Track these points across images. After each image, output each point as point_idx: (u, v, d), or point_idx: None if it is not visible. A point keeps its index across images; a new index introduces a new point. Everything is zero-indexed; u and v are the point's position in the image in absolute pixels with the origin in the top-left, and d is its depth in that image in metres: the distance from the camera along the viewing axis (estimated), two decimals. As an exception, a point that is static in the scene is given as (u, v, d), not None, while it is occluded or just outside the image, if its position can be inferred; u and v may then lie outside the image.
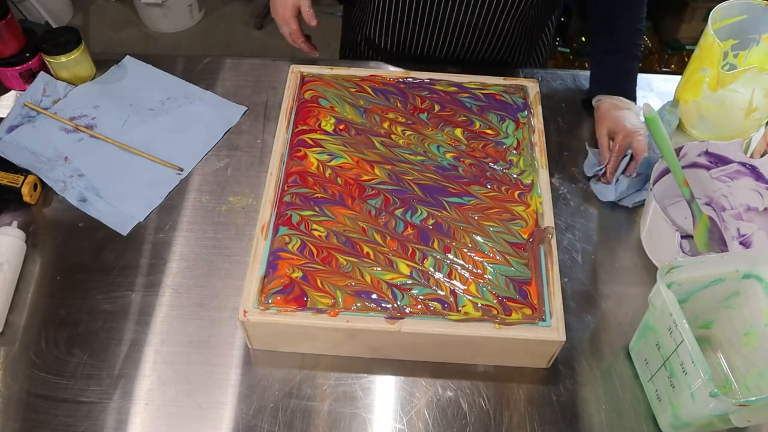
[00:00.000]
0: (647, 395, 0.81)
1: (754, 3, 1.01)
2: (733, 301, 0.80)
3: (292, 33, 1.09)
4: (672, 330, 0.72)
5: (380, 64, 1.15)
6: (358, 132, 0.94)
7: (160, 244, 0.93)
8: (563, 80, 1.15)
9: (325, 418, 0.78)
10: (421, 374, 0.82)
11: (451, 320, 0.77)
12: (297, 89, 1.00)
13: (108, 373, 0.81)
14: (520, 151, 0.94)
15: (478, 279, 0.80)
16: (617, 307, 0.88)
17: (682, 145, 0.91)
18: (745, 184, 0.93)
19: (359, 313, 0.77)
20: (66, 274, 0.90)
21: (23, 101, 1.06)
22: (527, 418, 0.79)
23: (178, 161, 1.02)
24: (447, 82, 1.02)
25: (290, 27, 1.08)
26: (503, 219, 0.86)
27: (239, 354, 0.83)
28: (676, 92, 1.11)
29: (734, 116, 1.02)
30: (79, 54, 1.08)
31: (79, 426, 0.77)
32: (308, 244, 0.82)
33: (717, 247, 0.90)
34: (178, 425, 0.78)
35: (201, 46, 2.58)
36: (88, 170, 1.00)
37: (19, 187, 0.94)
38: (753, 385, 0.79)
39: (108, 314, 0.86)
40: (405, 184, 0.89)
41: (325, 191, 0.88)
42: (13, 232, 0.90)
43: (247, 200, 0.98)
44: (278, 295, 0.78)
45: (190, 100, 1.10)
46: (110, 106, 1.08)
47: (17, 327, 0.85)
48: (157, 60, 1.16)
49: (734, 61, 1.07)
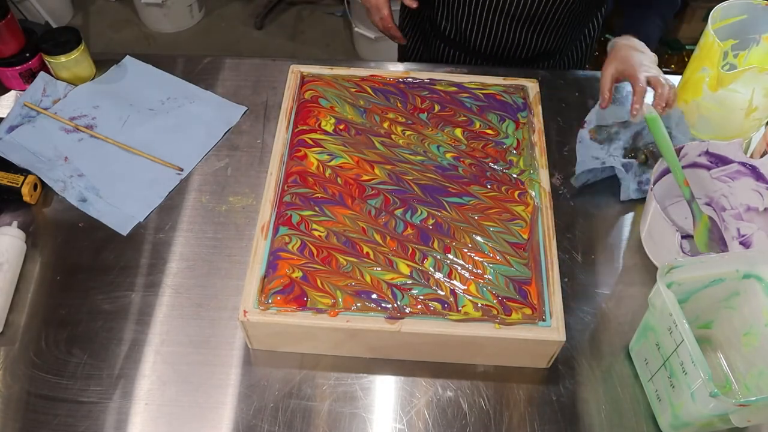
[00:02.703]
0: (647, 395, 0.81)
1: (754, 3, 1.01)
2: (733, 301, 0.80)
3: (383, 18, 1.11)
4: (672, 330, 0.72)
5: (381, 63, 1.15)
6: (358, 132, 0.94)
7: (160, 244, 0.93)
8: (563, 80, 1.14)
9: (325, 418, 0.78)
10: (421, 374, 0.82)
11: (451, 320, 0.77)
12: (297, 89, 1.00)
13: (108, 373, 0.81)
14: (520, 151, 0.94)
15: (478, 279, 0.80)
16: (617, 307, 0.88)
17: (682, 145, 0.91)
18: (745, 184, 0.93)
19: (359, 313, 0.77)
20: (66, 274, 0.90)
21: (23, 101, 1.06)
22: (527, 418, 0.79)
23: (178, 161, 1.02)
24: (447, 82, 1.02)
25: (381, 13, 1.11)
26: (503, 219, 0.86)
27: (239, 354, 0.83)
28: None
29: (734, 116, 1.02)
30: (79, 54, 1.08)
31: (79, 426, 0.78)
32: (308, 244, 0.82)
33: (717, 247, 0.90)
34: (178, 425, 0.78)
35: (201, 46, 2.58)
36: (88, 170, 1.00)
37: (19, 187, 0.94)
38: (753, 385, 0.79)
39: (108, 314, 0.86)
40: (405, 184, 0.89)
41: (325, 191, 0.88)
42: (13, 232, 0.90)
43: (247, 200, 0.98)
44: (278, 295, 0.78)
45: (190, 100, 1.10)
46: (110, 106, 1.08)
47: (17, 327, 0.85)
48: (157, 60, 1.16)
49: (734, 61, 1.07)
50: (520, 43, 1.14)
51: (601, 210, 0.98)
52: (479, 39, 1.15)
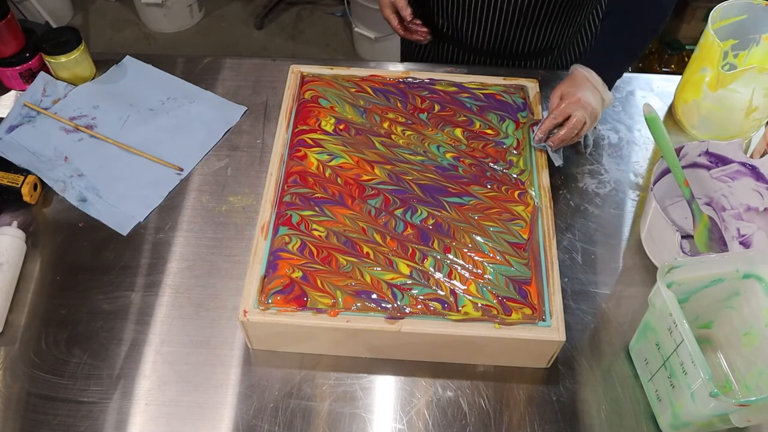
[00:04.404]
0: (647, 395, 0.81)
1: (754, 3, 1.01)
2: (733, 301, 0.80)
3: (394, 28, 1.15)
4: (672, 330, 0.72)
5: (381, 63, 1.15)
6: (358, 132, 0.94)
7: (160, 244, 0.93)
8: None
9: (325, 418, 0.78)
10: (421, 374, 0.82)
11: (451, 320, 0.77)
12: (297, 89, 1.00)
13: (108, 373, 0.81)
14: (520, 151, 0.94)
15: (478, 279, 0.80)
16: (617, 307, 0.88)
17: (682, 145, 0.91)
18: (745, 184, 0.93)
19: (359, 313, 0.77)
20: (66, 274, 0.90)
21: (23, 101, 1.06)
22: (527, 418, 0.79)
23: (178, 161, 1.02)
24: (447, 82, 1.02)
25: (392, 24, 1.15)
26: (503, 219, 0.86)
27: (239, 354, 0.83)
28: (676, 92, 1.11)
29: (734, 116, 1.02)
30: (79, 54, 1.08)
31: (79, 426, 0.78)
32: (308, 244, 0.82)
33: (717, 247, 0.90)
34: (178, 425, 0.78)
35: (201, 46, 2.58)
36: (88, 170, 1.00)
37: (19, 187, 0.94)
38: (753, 385, 0.79)
39: (108, 314, 0.86)
40: (405, 184, 0.89)
41: (325, 191, 0.88)
42: (13, 232, 0.90)
43: (247, 200, 0.98)
44: (278, 295, 0.78)
45: (190, 100, 1.10)
46: (110, 106, 1.08)
47: (17, 327, 0.85)
48: (157, 60, 1.16)
49: (734, 61, 1.07)
50: (515, 39, 1.14)
51: (601, 210, 0.98)
52: (476, 36, 1.15)
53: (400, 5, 1.12)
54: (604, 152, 1.05)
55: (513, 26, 1.11)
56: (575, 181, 1.01)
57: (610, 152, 1.05)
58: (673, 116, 1.11)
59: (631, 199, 1.00)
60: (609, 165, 1.04)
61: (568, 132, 0.91)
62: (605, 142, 1.07)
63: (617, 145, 1.06)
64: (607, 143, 1.07)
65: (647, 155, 1.05)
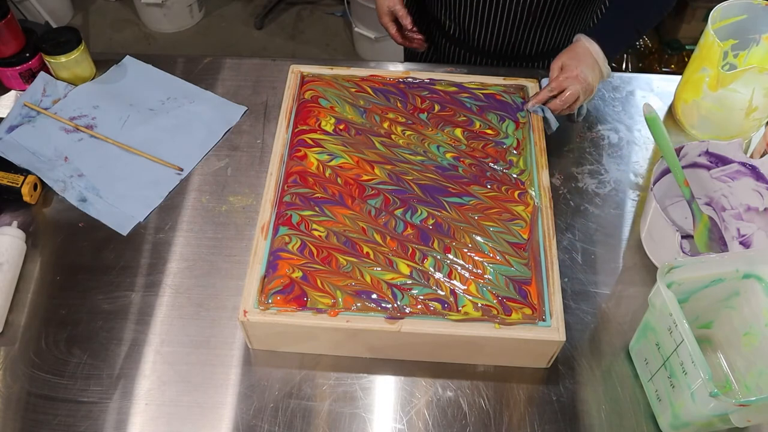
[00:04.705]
0: (647, 395, 0.81)
1: (754, 3, 1.01)
2: (733, 301, 0.80)
3: (392, 35, 1.16)
4: (672, 330, 0.72)
5: (381, 63, 1.15)
6: (358, 132, 0.94)
7: (160, 244, 0.93)
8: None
9: (325, 418, 0.78)
10: (421, 374, 0.82)
11: (451, 320, 0.77)
12: (297, 89, 1.00)
13: (108, 373, 0.81)
14: (520, 151, 0.94)
15: (478, 279, 0.80)
16: (617, 307, 0.88)
17: (682, 145, 0.91)
18: (745, 184, 0.93)
19: (359, 313, 0.77)
20: (66, 274, 0.90)
21: (23, 101, 1.06)
22: (527, 418, 0.79)
23: (178, 161, 1.02)
24: (447, 82, 1.02)
25: (389, 31, 1.15)
26: (503, 219, 0.86)
27: (239, 354, 0.83)
28: (676, 92, 1.11)
29: (734, 116, 1.02)
30: (79, 54, 1.08)
31: (79, 426, 0.78)
32: (308, 244, 0.82)
33: (717, 247, 0.90)
34: (178, 425, 0.78)
35: (201, 46, 2.58)
36: (88, 170, 1.00)
37: (19, 187, 0.94)
38: (753, 385, 0.79)
39: (108, 314, 0.86)
40: (405, 184, 0.89)
41: (325, 191, 0.88)
42: (13, 232, 0.90)
43: (247, 200, 0.98)
44: (278, 295, 0.78)
45: (190, 100, 1.10)
46: (110, 106, 1.08)
47: (17, 327, 0.85)
48: (157, 60, 1.16)
49: (734, 61, 1.07)
50: (523, 40, 1.14)
51: (601, 210, 0.98)
52: (483, 37, 1.15)
53: (400, 14, 1.12)
54: (604, 152, 1.05)
55: (522, 27, 1.11)
56: (575, 181, 1.01)
57: (610, 152, 1.05)
58: (673, 116, 1.11)
59: (631, 199, 1.00)
60: (609, 165, 1.04)
61: (560, 104, 0.95)
62: (605, 142, 1.07)
63: (617, 145, 1.06)
64: (607, 143, 1.07)
65: (647, 155, 1.06)
